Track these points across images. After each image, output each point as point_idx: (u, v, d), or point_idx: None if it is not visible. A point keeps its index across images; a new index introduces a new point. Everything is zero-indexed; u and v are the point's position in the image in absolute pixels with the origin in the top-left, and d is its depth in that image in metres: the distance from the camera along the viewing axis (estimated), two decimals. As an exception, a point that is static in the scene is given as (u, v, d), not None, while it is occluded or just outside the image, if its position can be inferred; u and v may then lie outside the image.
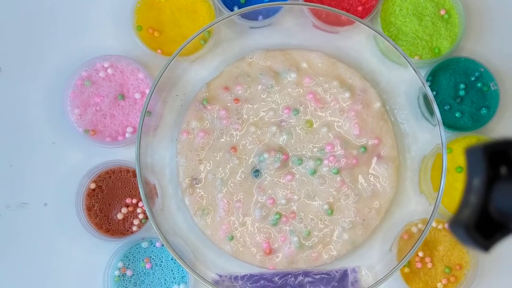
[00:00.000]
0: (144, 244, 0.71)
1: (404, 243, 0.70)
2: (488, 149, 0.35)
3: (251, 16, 0.72)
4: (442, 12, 0.74)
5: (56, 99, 0.74)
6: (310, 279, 0.72)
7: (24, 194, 0.74)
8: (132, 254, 0.71)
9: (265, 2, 0.73)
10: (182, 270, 0.71)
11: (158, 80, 0.67)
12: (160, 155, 0.73)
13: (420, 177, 0.74)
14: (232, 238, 0.71)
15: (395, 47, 0.68)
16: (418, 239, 0.66)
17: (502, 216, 0.35)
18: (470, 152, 0.36)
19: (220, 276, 0.71)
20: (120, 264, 0.71)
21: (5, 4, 0.76)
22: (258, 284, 0.72)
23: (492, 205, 0.35)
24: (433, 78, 0.74)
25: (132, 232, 0.71)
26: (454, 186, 0.72)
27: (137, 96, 0.73)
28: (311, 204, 0.72)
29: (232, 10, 0.73)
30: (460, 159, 0.73)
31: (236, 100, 0.72)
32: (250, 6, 0.68)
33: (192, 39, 0.67)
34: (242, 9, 0.68)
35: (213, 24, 0.68)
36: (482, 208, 0.35)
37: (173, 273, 0.71)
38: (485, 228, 0.35)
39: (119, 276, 0.71)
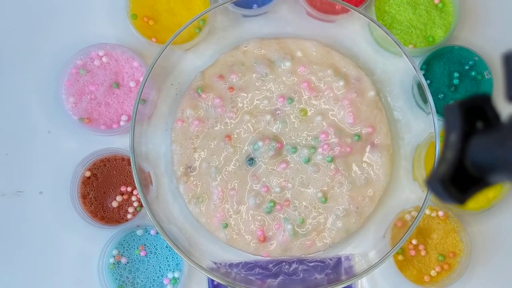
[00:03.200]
0: (139, 232, 0.71)
1: (398, 230, 0.71)
2: (463, 105, 0.36)
3: (245, 5, 0.72)
4: (436, 1, 0.75)
5: (51, 87, 0.74)
6: (304, 266, 0.72)
7: (19, 183, 0.74)
8: (127, 242, 0.72)
9: (260, -9, 0.74)
10: (177, 258, 0.72)
11: (152, 68, 0.67)
12: (154, 144, 0.73)
13: (413, 165, 0.74)
14: (226, 226, 0.71)
15: (389, 35, 0.68)
16: (411, 226, 0.66)
17: (478, 170, 0.36)
18: (448, 109, 0.37)
19: (215, 263, 0.71)
20: (115, 252, 0.71)
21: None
22: (253, 271, 0.72)
23: (468, 159, 0.36)
24: (427, 66, 0.74)
25: (126, 220, 0.72)
26: (447, 174, 0.72)
27: (132, 84, 0.73)
28: (305, 192, 0.72)
29: (226, -2, 0.73)
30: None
31: (231, 88, 0.73)
32: (245, -6, 0.68)
33: (186, 26, 0.68)
34: (236, -3, 0.68)
35: (206, 12, 0.68)
36: (458, 162, 0.36)
37: (168, 261, 0.72)
38: (461, 182, 0.36)
39: (114, 263, 0.71)
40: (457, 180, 0.36)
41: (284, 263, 0.72)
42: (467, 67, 0.74)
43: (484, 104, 0.36)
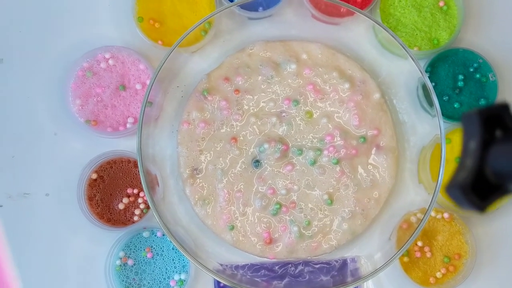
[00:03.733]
0: (145, 234, 0.72)
1: (403, 232, 0.71)
2: (483, 113, 0.36)
3: (251, 7, 0.73)
4: (441, 3, 0.75)
5: (57, 90, 0.74)
6: (310, 268, 0.72)
7: (26, 185, 0.74)
8: (133, 244, 0.72)
9: (265, -7, 0.74)
10: (183, 260, 0.72)
11: (159, 71, 0.67)
12: (161, 146, 0.73)
13: (419, 168, 0.74)
14: (232, 228, 0.71)
15: (394, 38, 0.68)
16: (417, 228, 0.66)
17: (497, 178, 0.36)
18: (466, 117, 0.37)
19: (222, 265, 0.71)
20: (121, 254, 0.71)
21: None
22: (259, 273, 0.72)
23: (488, 167, 0.36)
24: (432, 69, 0.74)
25: (133, 222, 0.72)
26: (452, 176, 0.72)
27: (138, 87, 0.73)
28: (311, 194, 0.72)
29: (232, 1, 0.74)
30: (459, 150, 0.73)
31: (237, 91, 0.73)
32: (251, -3, 0.68)
33: (192, 30, 0.68)
34: (242, 0, 0.68)
35: (213, 15, 0.68)
36: (477, 170, 0.36)
37: (174, 263, 0.72)
38: (481, 189, 0.36)
39: (120, 265, 0.71)
40: (477, 188, 0.36)
41: (290, 265, 0.72)
42: (471, 70, 0.74)
43: (503, 112, 0.37)
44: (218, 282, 0.72)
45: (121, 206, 0.72)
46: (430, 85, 0.68)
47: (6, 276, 0.73)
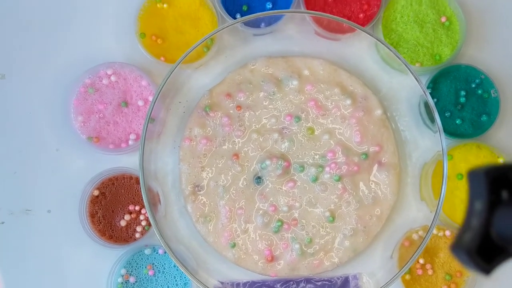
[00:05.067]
0: (147, 251, 0.72)
1: (405, 250, 0.71)
2: (490, 173, 0.36)
3: (253, 24, 0.73)
4: (443, 19, 0.75)
5: (59, 106, 0.74)
6: (312, 286, 0.72)
7: (27, 201, 0.74)
8: (135, 261, 0.72)
9: (267, 9, 0.74)
10: (185, 277, 0.72)
11: (161, 89, 0.67)
12: (163, 162, 0.73)
13: (421, 184, 0.74)
14: (234, 245, 0.71)
15: (396, 55, 0.68)
16: (419, 247, 0.66)
17: (503, 240, 0.36)
18: (472, 176, 0.37)
19: (222, 283, 0.71)
20: (123, 271, 0.71)
21: (9, 10, 0.76)
22: (260, 290, 0.72)
23: (494, 229, 0.36)
24: (434, 85, 0.74)
25: (135, 239, 0.72)
26: (454, 194, 0.73)
27: (140, 103, 0.73)
28: (313, 211, 0.72)
29: (234, 17, 0.74)
30: (461, 166, 0.73)
31: (238, 107, 0.73)
32: (253, 14, 0.68)
33: (195, 47, 0.68)
34: (245, 17, 0.68)
35: (216, 32, 0.68)
36: (483, 231, 0.36)
37: (176, 280, 0.72)
38: (487, 252, 0.36)
39: (122, 283, 0.71)
40: (482, 249, 0.36)
41: (291, 282, 0.72)
42: (473, 85, 0.74)
43: (510, 173, 0.36)
44: (220, 299, 0.72)
45: (123, 223, 0.72)
46: (431, 102, 0.67)
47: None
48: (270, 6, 0.74)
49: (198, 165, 0.72)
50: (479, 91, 0.74)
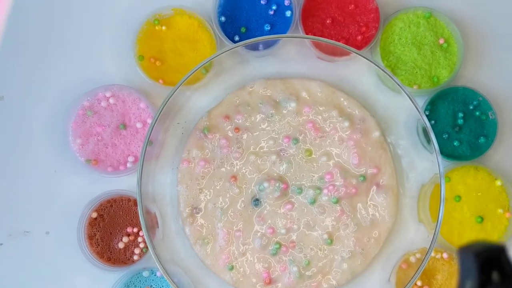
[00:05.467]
0: (145, 273, 0.72)
1: (403, 273, 0.71)
2: (480, 254, 0.37)
3: (252, 46, 0.73)
4: (441, 41, 0.75)
5: (58, 128, 0.74)
6: (309, 308, 0.72)
7: (26, 223, 0.74)
8: (133, 283, 0.72)
9: (266, 31, 0.74)
10: (183, 299, 0.72)
11: (160, 113, 0.67)
12: (161, 184, 0.73)
13: (419, 206, 0.74)
14: (232, 267, 0.71)
15: (392, 78, 0.68)
16: (417, 270, 0.66)
17: None
18: (463, 255, 0.38)
19: (220, 306, 0.71)
20: (121, 293, 0.71)
21: (8, 33, 0.77)
22: (258, 312, 0.72)
23: None
24: (432, 107, 0.74)
25: (133, 261, 0.72)
26: (452, 216, 0.73)
27: (139, 125, 0.73)
28: (311, 234, 0.72)
29: (233, 39, 0.74)
30: (459, 188, 0.73)
31: (237, 129, 0.73)
32: (253, 39, 0.67)
33: (195, 70, 0.67)
34: (244, 42, 0.68)
35: (215, 56, 0.68)
36: None
37: (174, 303, 0.72)
38: None
39: (120, 305, 0.71)
40: None
41: (289, 305, 0.72)
42: (471, 107, 0.74)
43: (500, 255, 0.37)
44: (218, 321, 0.72)
45: (121, 245, 0.72)
46: (428, 125, 0.67)
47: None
48: (269, 28, 0.74)
49: (196, 187, 0.72)
50: (477, 113, 0.74)
